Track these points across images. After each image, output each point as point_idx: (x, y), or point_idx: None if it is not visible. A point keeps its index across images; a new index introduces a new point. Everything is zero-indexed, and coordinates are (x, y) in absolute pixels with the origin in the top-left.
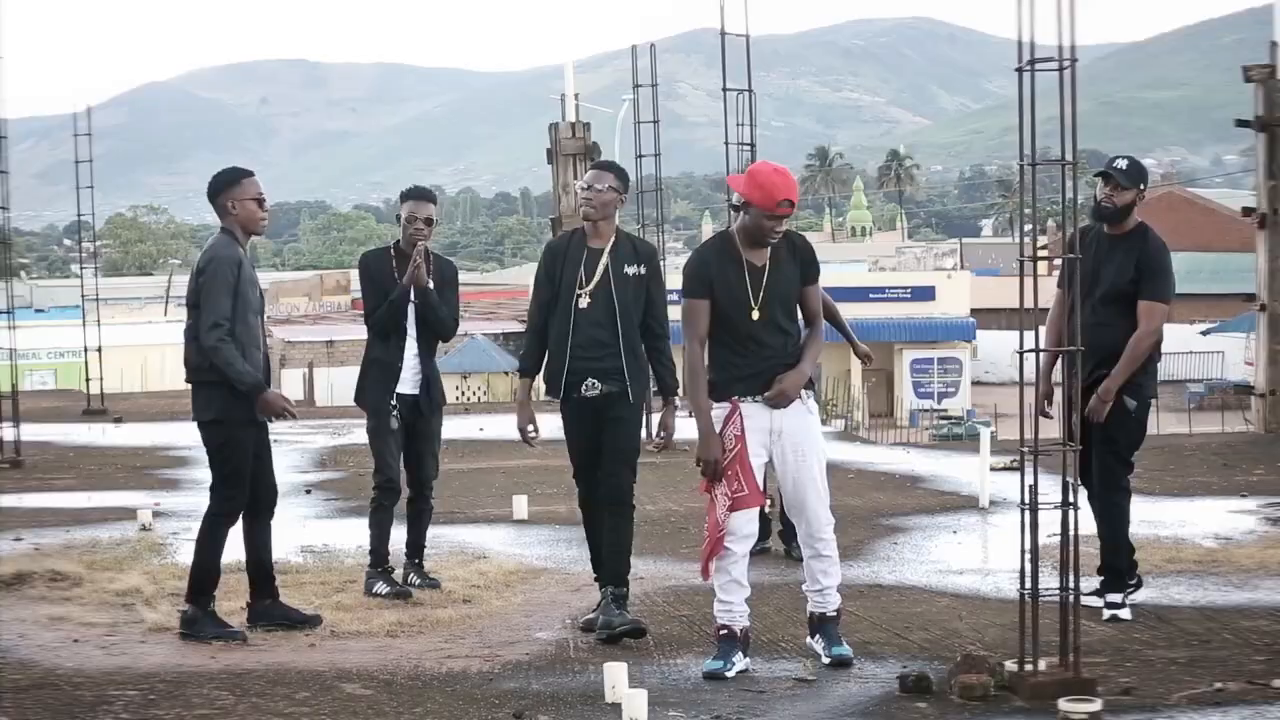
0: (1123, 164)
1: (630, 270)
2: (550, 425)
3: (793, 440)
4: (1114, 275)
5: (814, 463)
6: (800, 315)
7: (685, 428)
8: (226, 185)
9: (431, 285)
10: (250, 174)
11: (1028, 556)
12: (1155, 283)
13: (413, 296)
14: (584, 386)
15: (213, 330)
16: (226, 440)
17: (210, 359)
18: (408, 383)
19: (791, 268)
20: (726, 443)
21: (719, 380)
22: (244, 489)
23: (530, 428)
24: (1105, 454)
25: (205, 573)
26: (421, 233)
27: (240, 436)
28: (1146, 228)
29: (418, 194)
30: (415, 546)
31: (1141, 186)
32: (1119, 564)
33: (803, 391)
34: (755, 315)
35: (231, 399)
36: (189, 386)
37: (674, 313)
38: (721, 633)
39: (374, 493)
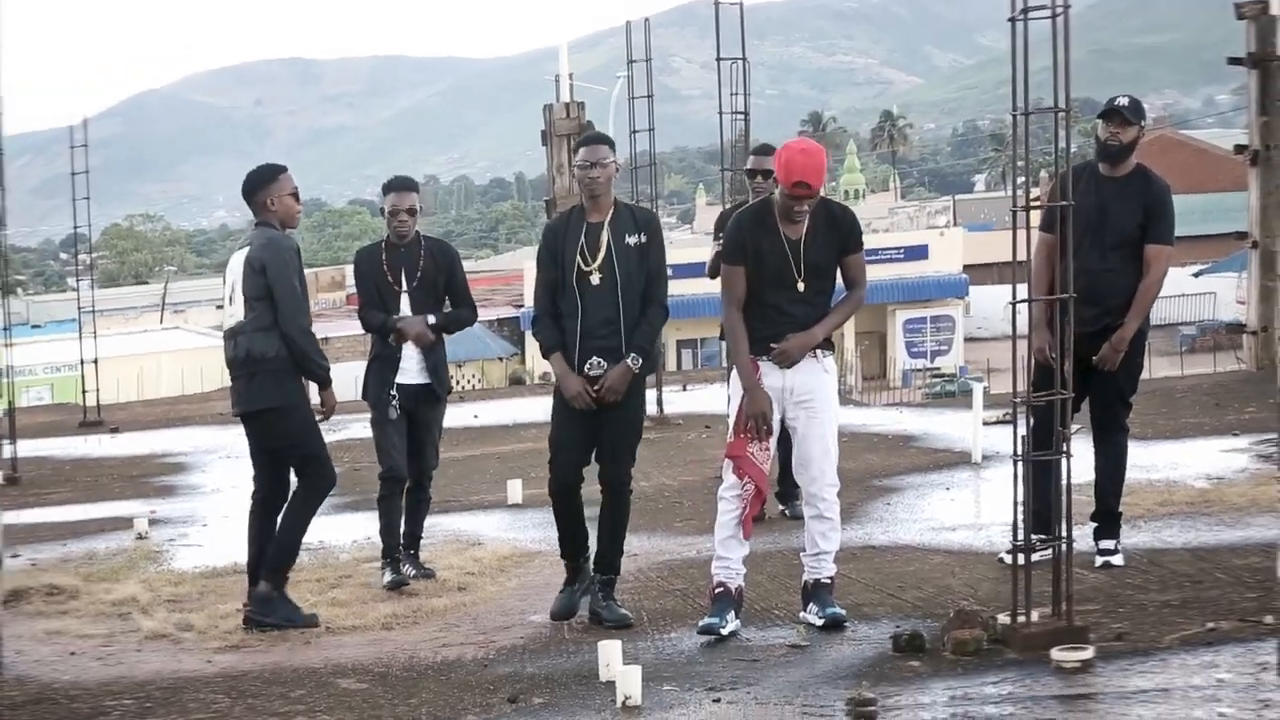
0: (1124, 100)
1: (631, 240)
2: (540, 409)
3: (804, 397)
4: (1123, 220)
5: (825, 420)
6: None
7: (681, 401)
8: (264, 183)
9: (434, 320)
10: (285, 169)
11: (1020, 509)
12: (1163, 226)
13: (405, 287)
14: (589, 365)
15: (301, 317)
16: (298, 427)
17: (296, 343)
18: (413, 372)
19: (830, 239)
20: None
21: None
22: (328, 462)
23: (584, 391)
24: (1108, 396)
25: (291, 552)
26: (405, 224)
27: (308, 418)
28: (1146, 169)
29: (399, 185)
30: (411, 537)
31: (1142, 123)
32: (1114, 507)
33: (819, 351)
34: (801, 288)
35: (294, 384)
36: (233, 380)
37: (673, 287)
38: (717, 590)
39: (379, 484)
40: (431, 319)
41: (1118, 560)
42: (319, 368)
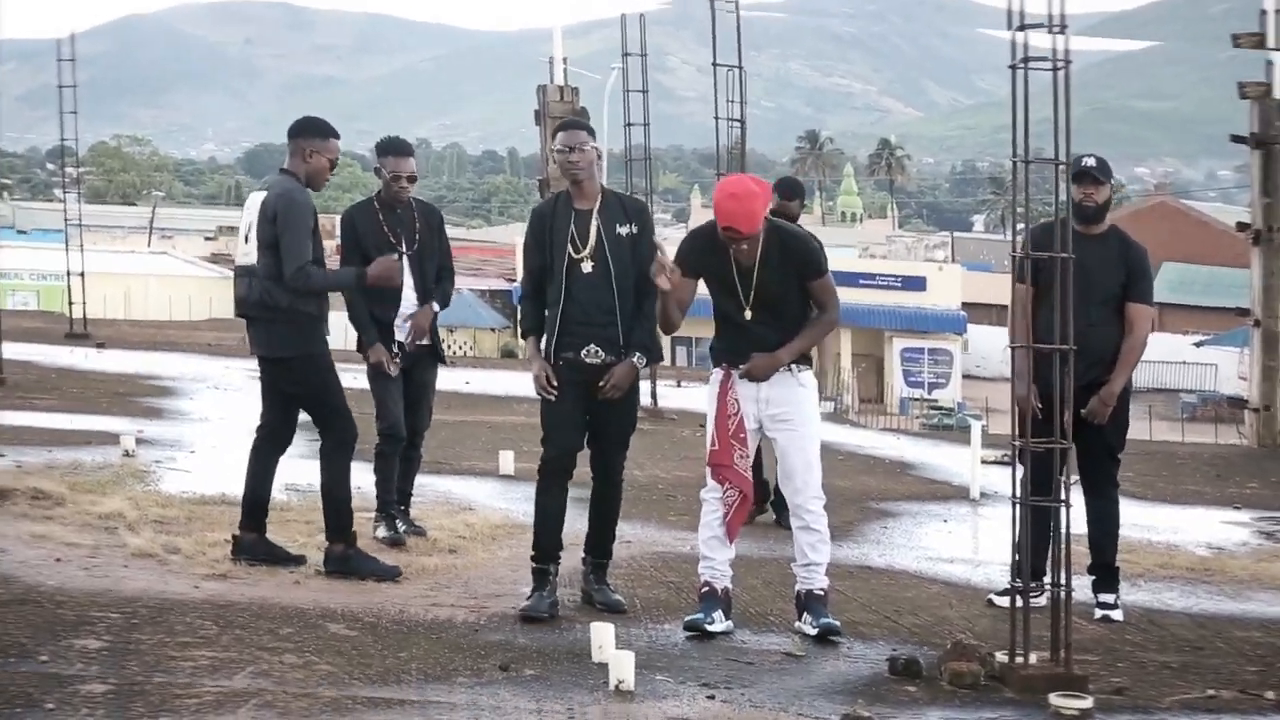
0: (1093, 161)
1: (623, 230)
2: (530, 384)
3: (779, 409)
4: (1106, 278)
5: (804, 433)
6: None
7: (675, 397)
8: (314, 133)
9: (439, 309)
10: (338, 136)
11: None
12: (1144, 285)
13: (405, 249)
14: (585, 352)
15: (296, 274)
16: (318, 374)
17: (306, 292)
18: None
19: (784, 270)
20: (729, 407)
21: (716, 347)
22: (349, 414)
23: (545, 376)
24: (1097, 451)
25: (346, 508)
26: (407, 190)
27: (328, 368)
28: (1119, 229)
29: (398, 148)
30: (402, 494)
31: (1111, 181)
32: (1112, 561)
33: (793, 366)
34: (748, 315)
35: (313, 334)
36: (248, 320)
37: None
38: (704, 589)
39: (378, 440)
40: (437, 307)
41: (1117, 615)
42: (338, 281)
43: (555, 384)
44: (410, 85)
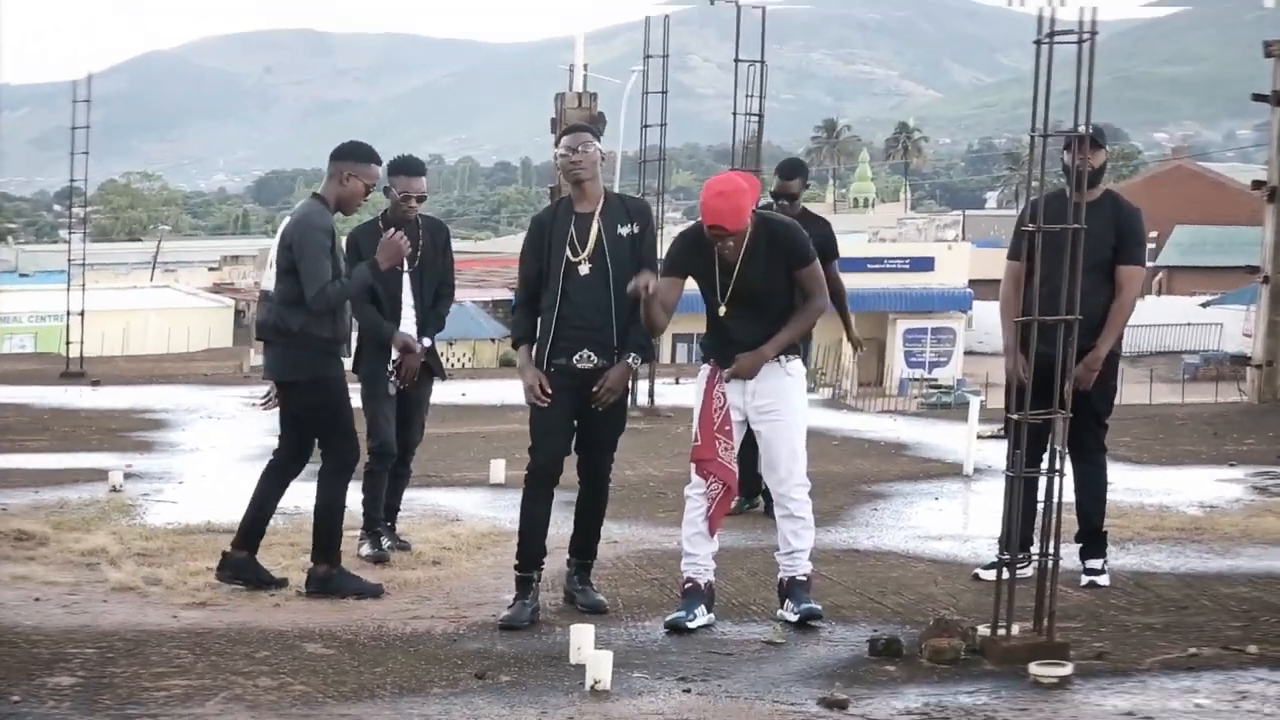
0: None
1: (623, 231)
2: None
3: (765, 400)
4: (1094, 243)
5: (789, 422)
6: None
7: (673, 394)
8: (357, 158)
9: (428, 344)
10: (380, 162)
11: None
12: (1134, 248)
13: (407, 267)
14: (577, 357)
15: (317, 297)
16: (328, 399)
17: (329, 310)
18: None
19: (771, 261)
20: (715, 401)
21: (706, 342)
22: (355, 438)
23: (539, 385)
24: (1083, 417)
25: (335, 531)
26: (414, 210)
27: (340, 392)
28: (1114, 193)
29: (410, 168)
30: (390, 509)
31: (1105, 148)
32: (1099, 526)
33: (781, 356)
34: (722, 311)
35: (319, 361)
36: (265, 344)
37: None
38: (686, 585)
39: (368, 458)
40: (427, 342)
41: (1103, 580)
42: (352, 288)
43: (549, 392)
44: (427, 103)
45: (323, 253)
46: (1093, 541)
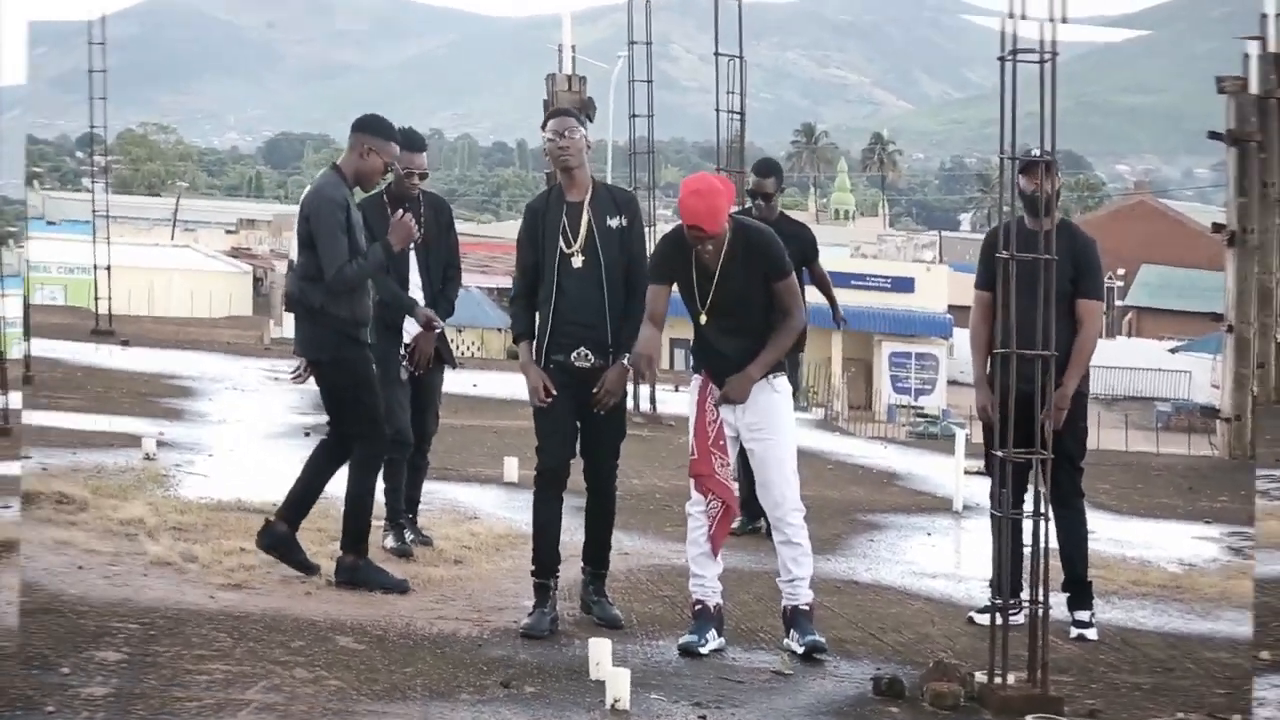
0: (1037, 152)
1: (613, 223)
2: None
3: (755, 417)
4: (1058, 276)
5: (780, 442)
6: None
7: (674, 401)
8: (376, 132)
9: (439, 328)
10: (399, 141)
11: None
12: (1093, 280)
13: (412, 245)
14: (575, 355)
15: (336, 277)
16: (353, 379)
17: (348, 290)
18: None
19: (749, 268)
20: (709, 414)
21: (694, 351)
22: (383, 425)
23: (543, 386)
24: (1060, 461)
25: (363, 522)
26: (417, 187)
27: (365, 374)
28: (1068, 222)
29: (412, 143)
30: (411, 501)
31: (1058, 174)
32: (1083, 575)
33: (769, 374)
34: (702, 320)
35: (344, 338)
36: (295, 316)
37: None
38: (696, 608)
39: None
40: (439, 326)
41: (1091, 635)
42: (371, 268)
43: (553, 393)
44: (425, 72)
45: (339, 229)
46: (1079, 592)
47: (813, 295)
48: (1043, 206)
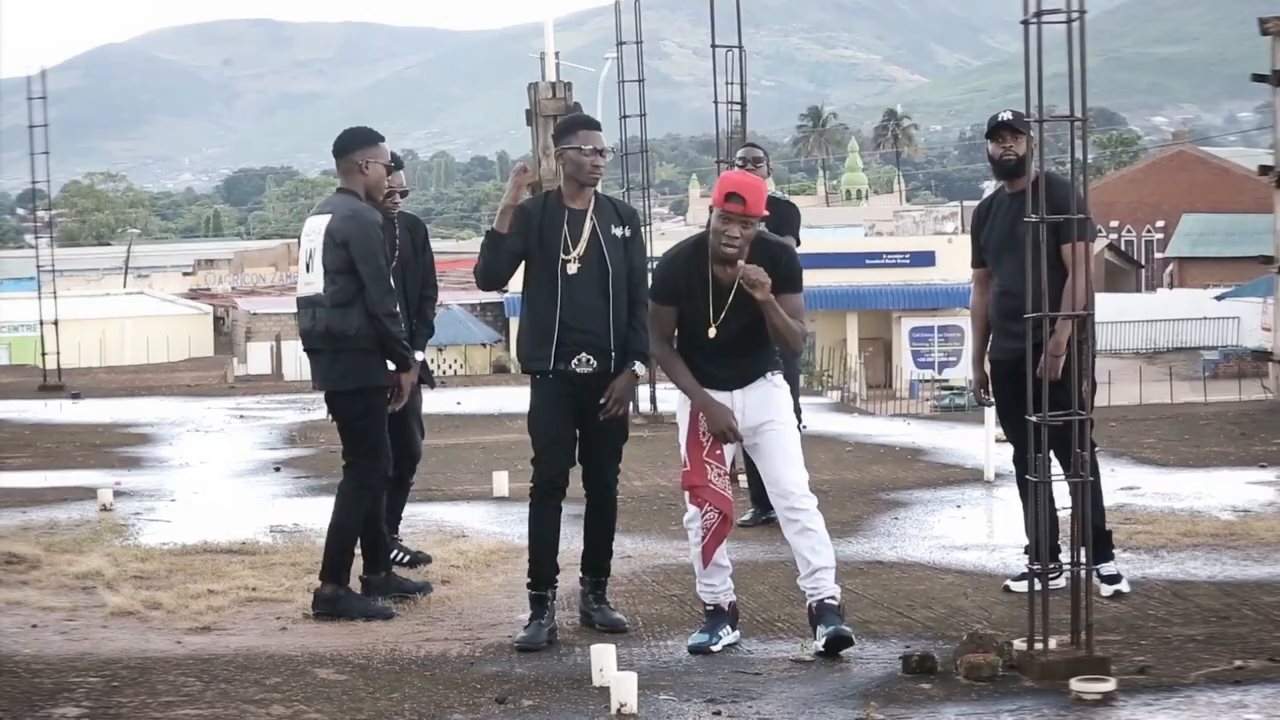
0: (1009, 114)
1: (617, 232)
2: (525, 399)
3: (756, 412)
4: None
5: (783, 434)
6: None
7: (674, 399)
8: (363, 144)
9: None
10: (384, 138)
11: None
12: (1068, 224)
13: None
14: (576, 361)
15: (389, 299)
16: (367, 409)
17: (382, 325)
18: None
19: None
20: (701, 424)
21: (690, 364)
22: (387, 459)
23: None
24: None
25: (346, 551)
26: (397, 207)
27: (379, 405)
28: (1048, 174)
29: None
30: (394, 517)
31: (1030, 133)
32: (1101, 525)
33: (767, 371)
34: (711, 334)
35: (372, 367)
36: (311, 353)
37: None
38: (708, 608)
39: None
40: (420, 356)
41: (1124, 587)
42: (402, 349)
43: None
44: (396, 94)
45: (381, 250)
46: (1097, 544)
47: (828, 277)
48: (1071, 171)
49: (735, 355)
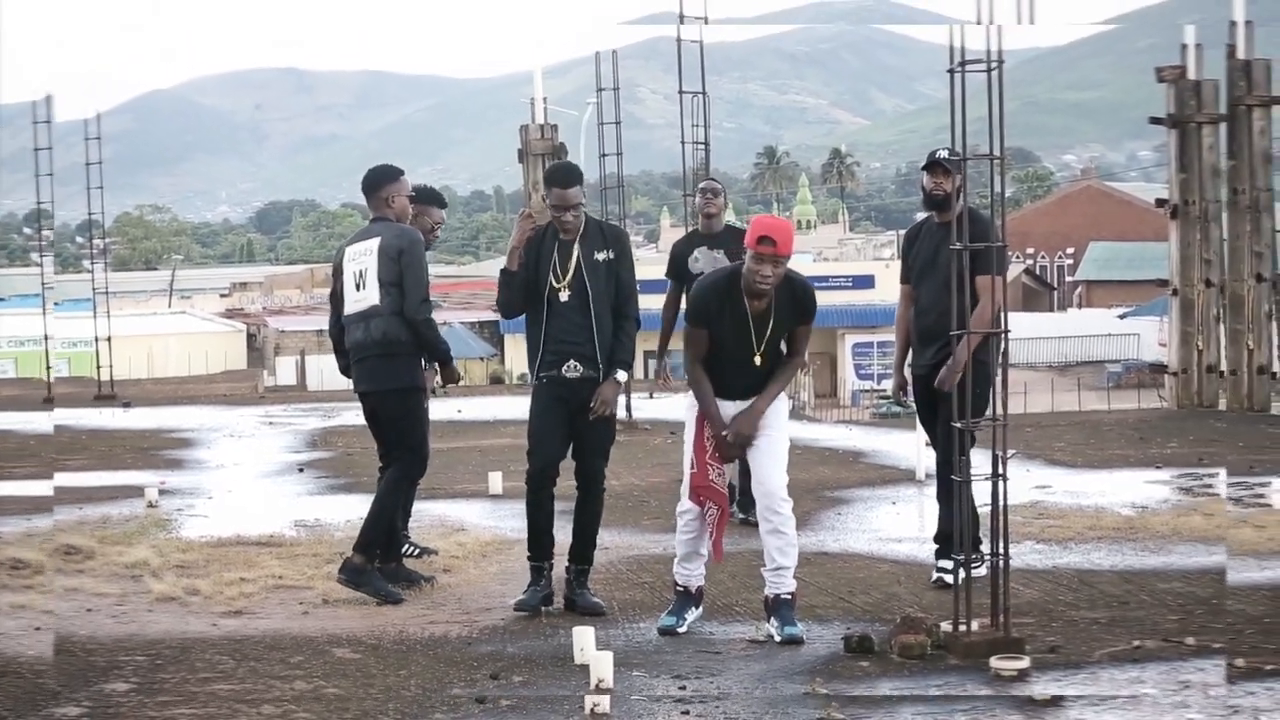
0: (944, 153)
1: (600, 256)
2: (518, 407)
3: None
4: (951, 259)
5: (775, 438)
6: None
7: (649, 408)
8: (387, 180)
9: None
10: (403, 172)
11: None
12: (984, 257)
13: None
14: (565, 367)
15: (424, 304)
16: (413, 407)
17: (420, 330)
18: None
19: (790, 313)
20: (707, 430)
21: (716, 383)
22: (424, 454)
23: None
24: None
25: (382, 529)
26: (436, 238)
27: (421, 404)
28: (973, 210)
29: (427, 197)
30: (404, 513)
31: (960, 173)
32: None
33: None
34: (758, 361)
35: (415, 371)
36: (359, 362)
37: (640, 301)
38: (678, 588)
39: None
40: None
41: (949, 579)
42: (442, 346)
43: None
44: (406, 136)
45: (425, 265)
46: (947, 544)
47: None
48: (990, 204)
49: (766, 375)
